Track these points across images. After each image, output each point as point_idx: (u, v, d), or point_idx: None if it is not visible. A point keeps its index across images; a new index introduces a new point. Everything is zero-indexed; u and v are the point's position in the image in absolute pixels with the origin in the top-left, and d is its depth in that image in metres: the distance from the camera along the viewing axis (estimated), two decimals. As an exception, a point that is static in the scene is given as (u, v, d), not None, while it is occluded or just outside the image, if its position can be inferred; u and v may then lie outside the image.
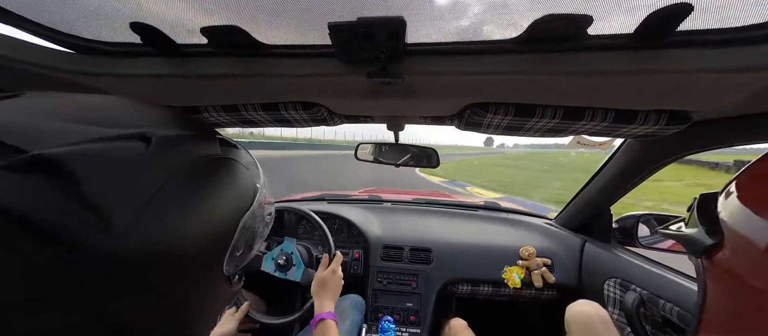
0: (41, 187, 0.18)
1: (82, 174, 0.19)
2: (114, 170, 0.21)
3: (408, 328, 1.17)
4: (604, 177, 1.03)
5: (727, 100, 0.52)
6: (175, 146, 0.25)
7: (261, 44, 0.49)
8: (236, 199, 0.31)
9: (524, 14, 0.40)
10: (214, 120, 0.74)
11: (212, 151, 0.29)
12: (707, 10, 0.36)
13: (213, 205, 0.27)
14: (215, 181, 0.28)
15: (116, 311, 0.21)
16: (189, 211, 0.25)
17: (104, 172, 0.20)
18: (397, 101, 0.64)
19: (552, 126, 0.63)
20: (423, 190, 2.85)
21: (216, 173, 0.29)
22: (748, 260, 0.30)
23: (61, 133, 0.20)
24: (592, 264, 1.15)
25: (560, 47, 0.44)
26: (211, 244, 0.28)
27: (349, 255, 1.31)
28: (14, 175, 0.17)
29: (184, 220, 0.24)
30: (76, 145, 0.20)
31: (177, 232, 0.24)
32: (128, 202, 0.21)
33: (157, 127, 0.25)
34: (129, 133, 0.23)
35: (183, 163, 0.25)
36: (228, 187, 0.30)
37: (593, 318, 0.77)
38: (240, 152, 0.34)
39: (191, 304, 0.28)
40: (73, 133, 0.21)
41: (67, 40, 0.51)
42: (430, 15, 0.42)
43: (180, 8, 0.43)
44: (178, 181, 0.24)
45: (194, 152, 0.27)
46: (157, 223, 0.22)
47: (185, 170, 0.25)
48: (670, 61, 0.42)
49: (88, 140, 0.21)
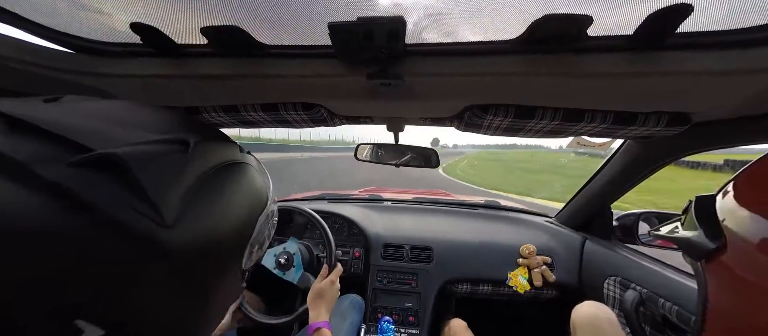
0: (108, 182, 0.20)
1: (141, 172, 0.21)
2: (163, 170, 0.23)
3: (407, 328, 1.17)
4: (604, 176, 1.03)
5: (726, 102, 0.52)
6: (208, 151, 0.28)
7: (261, 44, 0.49)
8: (254, 199, 0.34)
9: (524, 15, 0.40)
10: (214, 120, 0.74)
11: (235, 156, 0.32)
12: (707, 12, 0.36)
13: (237, 204, 0.30)
14: (237, 183, 0.31)
15: (164, 299, 0.23)
16: (219, 209, 0.27)
17: (156, 171, 0.23)
18: (396, 102, 0.64)
19: (552, 127, 0.62)
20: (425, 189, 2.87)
21: (238, 176, 0.32)
22: (755, 264, 0.30)
23: (118, 136, 0.23)
24: (593, 262, 1.15)
25: (560, 48, 0.44)
26: (236, 240, 0.30)
27: (350, 253, 1.31)
28: (83, 170, 0.19)
29: (215, 217, 0.27)
30: (132, 145, 0.22)
31: (210, 227, 0.26)
32: (174, 198, 0.23)
33: (193, 133, 0.27)
34: (173, 138, 0.26)
35: (214, 165, 0.28)
36: (247, 188, 0.33)
37: (601, 320, 0.76)
38: (252, 158, 0.37)
39: (217, 295, 0.30)
40: (128, 136, 0.23)
41: (68, 40, 0.51)
42: (430, 15, 0.42)
43: (180, 8, 0.43)
44: (211, 182, 0.27)
45: (222, 157, 0.30)
46: (196, 218, 0.25)
47: (215, 172, 0.28)
48: (670, 63, 0.42)
49: (142, 142, 0.23)
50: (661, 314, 0.83)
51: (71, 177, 0.19)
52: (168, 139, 0.25)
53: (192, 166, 0.25)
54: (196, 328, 0.29)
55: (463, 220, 1.51)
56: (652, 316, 0.86)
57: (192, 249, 0.24)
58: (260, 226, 0.34)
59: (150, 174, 0.22)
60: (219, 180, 0.28)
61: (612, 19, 0.39)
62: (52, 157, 0.19)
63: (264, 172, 0.39)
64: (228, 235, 0.29)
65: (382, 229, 1.39)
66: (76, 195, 0.18)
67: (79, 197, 0.19)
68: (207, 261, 0.26)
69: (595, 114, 0.57)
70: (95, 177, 0.20)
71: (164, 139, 0.25)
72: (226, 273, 0.30)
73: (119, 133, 0.23)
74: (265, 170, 0.40)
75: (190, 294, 0.26)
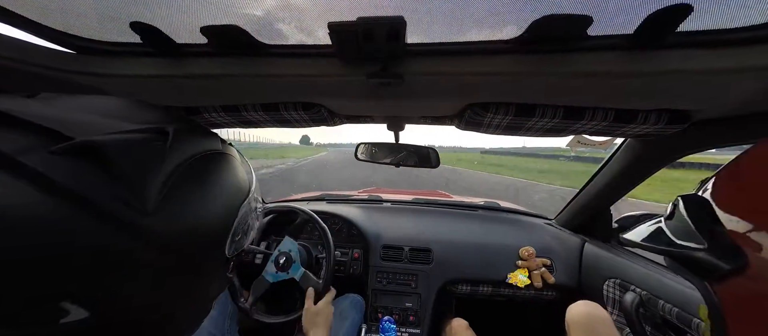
0: (87, 169, 0.21)
1: (119, 159, 0.22)
2: (142, 157, 0.24)
3: (407, 328, 1.17)
4: (604, 177, 1.03)
5: (727, 100, 0.52)
6: (187, 140, 0.29)
7: (261, 44, 0.49)
8: (236, 188, 0.34)
9: (524, 14, 0.40)
10: (214, 120, 0.74)
11: (215, 146, 0.33)
12: (707, 11, 0.36)
13: (218, 193, 0.31)
14: (218, 171, 0.32)
15: (148, 284, 0.24)
16: (200, 196, 0.28)
17: (135, 159, 0.23)
18: (397, 101, 0.64)
19: (552, 126, 0.63)
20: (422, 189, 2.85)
21: (219, 165, 0.32)
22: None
23: (98, 125, 0.24)
24: (592, 264, 1.15)
25: (560, 47, 0.44)
26: (218, 228, 0.31)
27: (349, 254, 1.31)
28: (63, 158, 0.20)
29: (196, 204, 0.27)
30: (112, 134, 0.23)
31: (192, 214, 0.27)
32: (154, 185, 0.23)
33: (172, 124, 0.28)
34: (151, 127, 0.26)
35: (193, 154, 0.29)
36: (229, 177, 0.33)
37: (594, 319, 0.77)
38: (234, 150, 0.38)
39: (201, 282, 0.31)
40: (107, 126, 0.24)
41: (68, 40, 0.51)
42: (430, 15, 0.42)
43: (180, 8, 0.43)
44: (191, 170, 0.28)
45: (202, 146, 0.30)
46: (176, 205, 0.25)
47: (195, 160, 0.28)
48: (670, 62, 0.42)
49: (121, 132, 0.24)
50: (661, 316, 0.83)
51: (52, 164, 0.19)
52: (147, 128, 0.26)
53: (171, 154, 0.26)
54: (182, 315, 0.30)
55: (463, 221, 1.51)
56: (652, 317, 0.86)
57: (174, 235, 0.25)
58: (243, 214, 0.34)
59: (129, 161, 0.22)
60: (199, 168, 0.29)
61: (612, 19, 0.39)
62: (34, 146, 0.20)
63: (246, 164, 0.39)
64: (210, 222, 0.29)
65: (382, 230, 1.39)
66: (57, 181, 0.19)
67: (61, 183, 0.19)
68: (189, 248, 0.27)
69: (596, 112, 0.57)
70: (75, 164, 0.20)
71: (143, 128, 0.25)
72: (209, 260, 0.31)
73: (99, 124, 0.24)
74: (248, 162, 0.40)
75: (174, 281, 0.27)
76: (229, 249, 0.33)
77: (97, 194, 0.20)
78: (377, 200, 1.76)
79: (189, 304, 0.31)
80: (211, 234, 0.30)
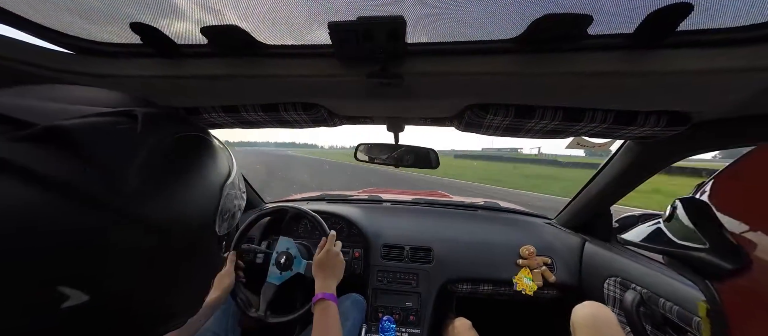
0: (56, 153, 0.20)
1: (89, 142, 0.22)
2: (112, 139, 0.24)
3: (408, 327, 1.17)
4: (604, 177, 1.03)
5: (727, 101, 0.52)
6: (158, 123, 0.29)
7: (261, 44, 0.49)
8: (216, 168, 0.35)
9: (524, 14, 0.40)
10: (214, 121, 0.74)
11: (190, 129, 0.33)
12: (707, 10, 0.36)
13: (198, 173, 0.31)
14: (196, 152, 0.32)
15: (142, 265, 0.24)
16: (181, 176, 0.29)
17: (107, 141, 0.23)
18: (396, 102, 0.64)
19: (552, 127, 0.62)
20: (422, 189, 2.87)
21: (196, 146, 0.33)
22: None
23: (63, 111, 0.23)
24: (593, 263, 1.15)
25: (560, 47, 0.44)
26: (206, 205, 0.32)
27: (350, 254, 1.31)
28: (29, 144, 0.20)
29: (179, 183, 0.28)
30: (79, 119, 0.23)
31: (176, 192, 0.27)
32: (129, 166, 0.23)
33: (142, 108, 0.28)
34: (120, 110, 0.26)
35: (167, 135, 0.29)
36: (207, 157, 0.34)
37: (600, 320, 0.76)
38: (211, 134, 0.38)
39: (195, 261, 0.31)
40: (73, 110, 0.24)
41: (68, 41, 0.51)
42: (430, 15, 0.42)
43: (180, 9, 0.43)
44: (166, 151, 0.28)
45: (174, 129, 0.30)
46: (158, 186, 0.25)
47: (169, 141, 0.29)
48: (670, 62, 0.42)
49: (88, 115, 0.24)
50: (661, 314, 0.83)
51: (17, 151, 0.19)
52: (115, 111, 0.26)
53: (143, 135, 0.26)
54: (182, 293, 0.30)
55: (463, 221, 1.51)
56: (653, 316, 0.86)
57: (160, 214, 0.25)
58: (227, 194, 0.35)
59: (99, 143, 0.22)
60: (177, 149, 0.29)
61: (612, 19, 0.39)
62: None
63: (224, 147, 0.40)
64: (196, 200, 0.30)
65: (382, 230, 1.39)
66: (25, 168, 0.19)
67: (30, 169, 0.19)
68: (179, 226, 0.27)
69: (596, 113, 0.57)
70: (43, 149, 0.20)
71: (111, 111, 0.25)
72: (201, 239, 0.31)
73: (65, 110, 0.24)
74: (228, 149, 0.41)
75: (169, 261, 0.27)
76: (220, 227, 0.34)
77: (69, 177, 0.20)
78: (377, 200, 1.76)
79: (187, 284, 0.31)
80: (199, 212, 0.30)
